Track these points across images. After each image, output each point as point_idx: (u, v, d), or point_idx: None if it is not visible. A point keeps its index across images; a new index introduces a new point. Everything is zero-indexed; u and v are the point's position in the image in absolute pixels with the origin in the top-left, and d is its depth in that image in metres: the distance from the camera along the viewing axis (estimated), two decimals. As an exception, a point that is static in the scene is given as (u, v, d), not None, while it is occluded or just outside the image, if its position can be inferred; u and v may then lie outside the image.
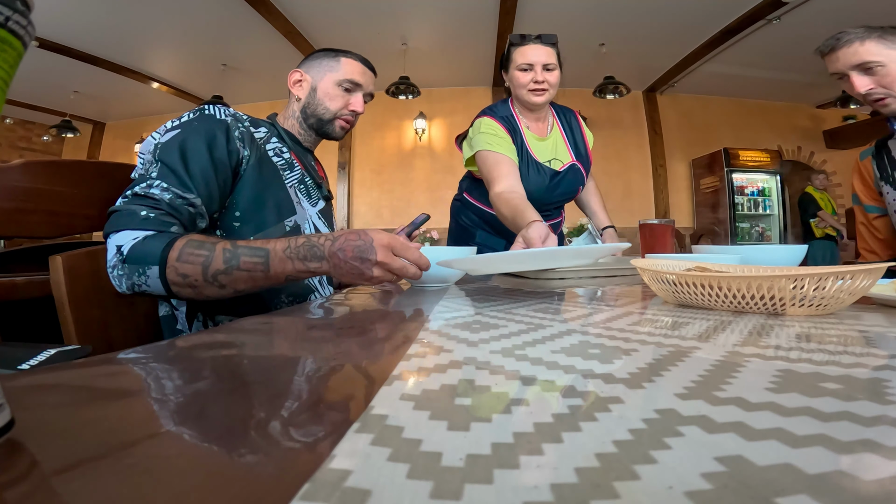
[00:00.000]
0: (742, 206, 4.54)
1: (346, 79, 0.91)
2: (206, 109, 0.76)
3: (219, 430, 0.17)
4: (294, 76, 0.93)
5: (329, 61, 0.92)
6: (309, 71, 0.92)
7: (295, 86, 0.92)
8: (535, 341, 0.30)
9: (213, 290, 0.61)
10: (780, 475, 0.11)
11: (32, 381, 0.24)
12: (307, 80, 0.91)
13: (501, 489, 0.11)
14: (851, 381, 0.20)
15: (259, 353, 0.32)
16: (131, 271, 0.60)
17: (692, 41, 3.78)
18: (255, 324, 0.42)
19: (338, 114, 0.91)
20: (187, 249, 0.60)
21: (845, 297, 0.39)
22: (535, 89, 1.12)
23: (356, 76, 0.92)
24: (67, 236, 0.77)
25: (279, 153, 0.85)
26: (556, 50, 1.13)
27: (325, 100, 0.90)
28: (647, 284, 0.53)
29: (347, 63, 0.92)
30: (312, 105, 0.91)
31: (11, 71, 0.14)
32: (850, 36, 0.93)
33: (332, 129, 0.93)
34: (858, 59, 0.91)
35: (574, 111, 1.35)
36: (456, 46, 3.96)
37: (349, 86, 0.91)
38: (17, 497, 0.12)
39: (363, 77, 0.93)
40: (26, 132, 5.23)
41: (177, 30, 3.58)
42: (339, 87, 0.90)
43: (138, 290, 0.61)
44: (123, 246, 0.60)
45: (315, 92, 0.91)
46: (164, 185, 0.65)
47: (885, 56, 0.90)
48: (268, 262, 0.60)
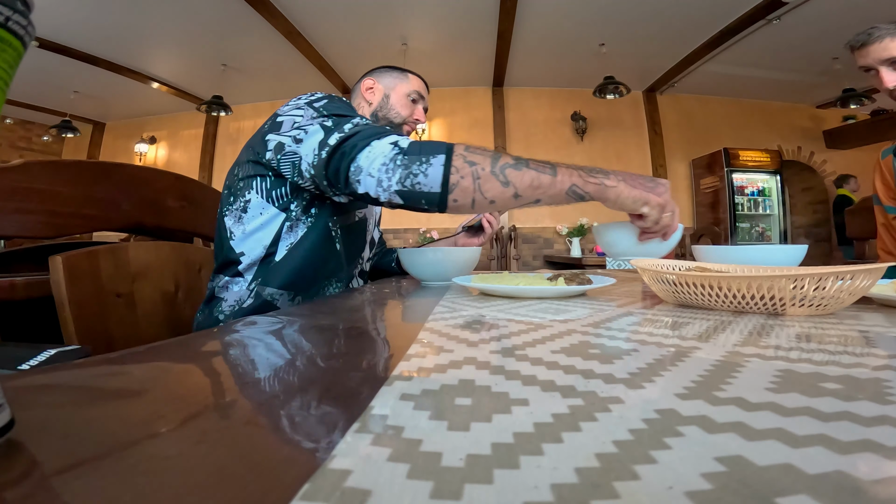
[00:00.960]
0: (742, 206, 4.54)
1: (415, 90, 1.01)
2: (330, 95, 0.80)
3: (219, 430, 0.17)
4: (367, 83, 1.01)
5: (398, 74, 1.02)
6: (380, 80, 1.01)
7: (367, 91, 1.01)
8: (535, 341, 0.30)
9: (494, 184, 0.59)
10: (780, 475, 0.11)
11: (32, 381, 0.24)
12: (379, 88, 1.00)
13: (501, 489, 0.11)
14: (851, 381, 0.20)
15: (259, 353, 0.32)
16: (411, 161, 0.59)
17: (692, 41, 3.78)
18: (256, 323, 0.42)
19: (406, 120, 1.01)
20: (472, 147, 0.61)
21: (845, 297, 0.39)
22: None
23: (422, 90, 1.04)
24: (67, 236, 0.77)
25: None
26: None
27: (398, 106, 0.99)
28: (648, 284, 0.53)
29: (415, 79, 1.03)
30: (385, 110, 0.99)
31: (11, 71, 0.14)
32: (881, 31, 0.95)
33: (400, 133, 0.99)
34: (889, 54, 0.93)
35: None
36: (456, 46, 3.96)
37: (416, 97, 1.01)
38: (17, 497, 0.12)
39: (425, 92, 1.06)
40: (26, 132, 5.23)
41: (177, 30, 3.58)
42: (408, 97, 1.00)
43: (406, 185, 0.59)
44: (400, 141, 0.62)
45: (388, 99, 1.00)
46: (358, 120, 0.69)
47: None
48: (555, 168, 0.60)
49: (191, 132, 5.17)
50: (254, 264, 0.76)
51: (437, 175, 0.59)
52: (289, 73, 4.33)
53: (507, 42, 3.79)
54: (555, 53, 4.06)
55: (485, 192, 0.59)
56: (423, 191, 0.60)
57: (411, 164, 0.59)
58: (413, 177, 0.59)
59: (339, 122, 0.68)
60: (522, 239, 4.58)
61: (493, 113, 4.76)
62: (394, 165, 0.60)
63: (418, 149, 0.61)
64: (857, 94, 3.80)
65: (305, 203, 0.76)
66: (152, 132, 5.27)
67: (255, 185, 0.75)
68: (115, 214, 0.85)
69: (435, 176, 0.59)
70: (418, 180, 0.59)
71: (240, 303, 0.75)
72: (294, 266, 0.76)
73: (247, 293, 0.75)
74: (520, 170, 0.59)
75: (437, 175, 0.59)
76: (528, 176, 0.59)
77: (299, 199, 0.76)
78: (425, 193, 0.60)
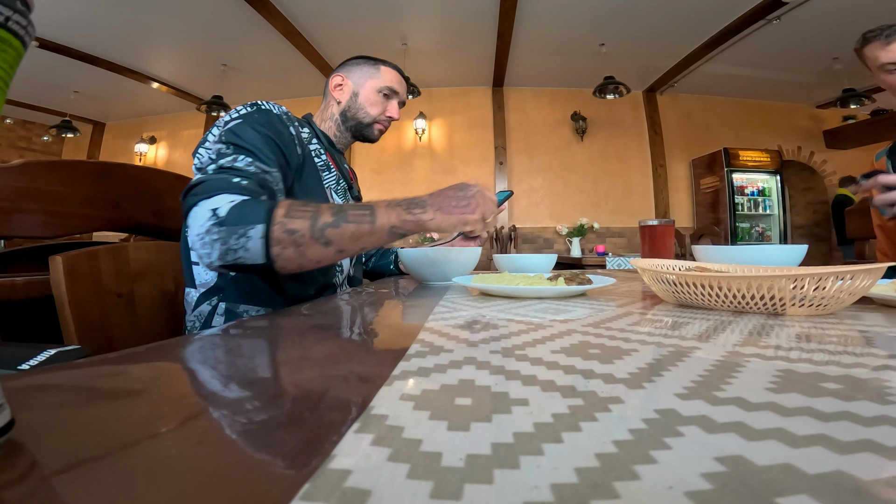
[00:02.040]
0: (742, 206, 4.54)
1: (386, 86, 0.94)
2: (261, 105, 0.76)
3: (219, 430, 0.17)
4: (335, 80, 0.95)
5: (369, 68, 0.95)
6: (350, 76, 0.94)
7: (335, 89, 0.95)
8: (535, 341, 0.30)
9: (317, 248, 0.58)
10: (780, 475, 0.11)
11: (32, 381, 0.24)
12: (348, 84, 0.94)
13: (501, 489, 0.11)
14: (851, 381, 0.20)
15: (259, 353, 0.32)
16: (229, 234, 0.56)
17: (692, 41, 3.78)
18: (256, 323, 0.42)
19: (377, 119, 0.94)
20: (294, 206, 0.59)
21: (845, 297, 0.39)
22: None
23: (394, 84, 0.96)
24: (67, 236, 0.77)
25: (318, 154, 0.87)
26: None
27: (366, 105, 0.93)
28: (648, 284, 0.53)
29: (387, 71, 0.95)
30: (353, 109, 0.93)
31: (11, 71, 0.14)
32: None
33: (371, 132, 0.96)
34: None
35: None
36: (456, 46, 3.96)
37: (388, 92, 0.95)
38: (17, 497, 0.12)
39: (399, 86, 0.97)
40: (26, 132, 5.23)
41: (177, 30, 3.58)
42: (379, 93, 0.94)
43: (230, 260, 0.57)
44: (220, 209, 0.57)
45: (356, 97, 0.93)
46: (248, 160, 0.65)
47: None
48: (374, 215, 0.60)
49: (191, 132, 5.17)
50: (209, 278, 0.73)
51: (257, 248, 0.56)
52: (289, 73, 4.33)
53: (506, 42, 3.79)
54: (555, 53, 4.06)
55: (309, 257, 0.59)
56: (248, 263, 0.57)
57: (229, 238, 0.56)
58: (233, 252, 0.56)
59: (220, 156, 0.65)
60: (522, 239, 4.58)
61: (493, 113, 4.76)
62: (210, 239, 0.57)
63: (236, 217, 0.56)
64: (857, 94, 3.80)
65: None
66: (152, 132, 5.27)
67: None
68: (115, 214, 0.85)
69: (256, 249, 0.56)
70: (239, 255, 0.57)
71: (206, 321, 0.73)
72: (256, 283, 0.73)
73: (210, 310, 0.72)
74: (339, 227, 0.59)
75: (258, 248, 0.56)
76: (349, 230, 0.59)
77: None
78: (251, 265, 0.58)
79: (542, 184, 4.70)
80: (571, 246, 4.26)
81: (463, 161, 4.67)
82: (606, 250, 4.18)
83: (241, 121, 0.70)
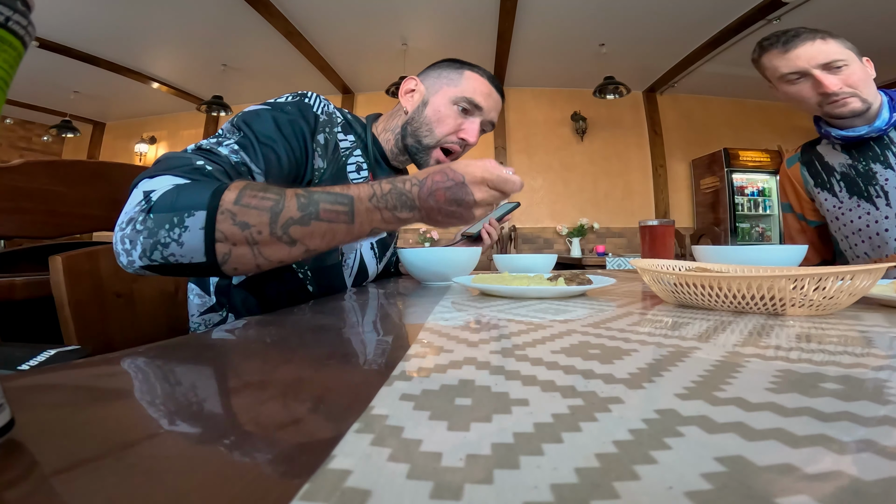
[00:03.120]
0: (742, 206, 4.54)
1: (464, 97, 0.75)
2: (306, 97, 0.67)
3: (219, 430, 0.17)
4: (408, 84, 0.78)
5: (450, 72, 0.77)
6: (425, 80, 0.78)
7: (406, 95, 0.78)
8: (535, 341, 0.30)
9: (278, 248, 0.45)
10: (780, 475, 0.11)
11: (32, 381, 0.24)
12: (420, 90, 0.77)
13: (501, 489, 0.11)
14: (851, 381, 0.20)
15: (259, 354, 0.32)
16: (158, 224, 0.42)
17: (692, 41, 3.78)
18: (255, 323, 0.42)
19: (442, 140, 0.75)
20: (249, 191, 0.44)
21: (845, 297, 0.39)
22: None
23: (478, 96, 0.75)
24: (67, 236, 0.77)
25: (359, 169, 0.73)
26: None
27: (433, 119, 0.75)
28: (648, 285, 0.53)
29: (472, 78, 0.76)
30: (416, 122, 0.76)
31: (11, 71, 0.14)
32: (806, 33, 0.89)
33: (427, 160, 0.77)
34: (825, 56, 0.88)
35: None
36: (456, 46, 3.96)
37: (467, 106, 0.75)
38: (17, 497, 0.12)
39: (486, 100, 0.76)
40: (26, 132, 5.23)
41: (177, 30, 3.58)
42: (454, 105, 0.75)
43: (158, 258, 0.43)
44: (154, 192, 0.44)
45: (424, 107, 0.76)
46: (236, 147, 0.56)
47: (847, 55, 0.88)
48: (353, 212, 0.47)
49: (191, 132, 5.17)
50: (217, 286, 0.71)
51: (196, 243, 0.42)
52: (289, 73, 4.33)
53: (507, 42, 3.79)
54: (555, 53, 4.06)
55: (268, 256, 0.46)
56: (182, 263, 0.43)
57: (158, 230, 0.42)
58: (163, 248, 0.42)
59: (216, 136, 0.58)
60: (522, 239, 4.58)
61: (493, 113, 4.76)
62: (132, 231, 0.43)
63: (169, 203, 0.43)
64: (857, 94, 3.79)
65: None
66: (152, 132, 5.27)
67: None
68: (115, 214, 0.84)
69: (194, 244, 0.42)
70: (171, 251, 0.43)
71: None
72: (262, 303, 0.70)
73: (217, 319, 0.71)
74: (308, 224, 0.45)
75: (197, 243, 0.42)
76: (320, 229, 0.46)
77: None
78: (189, 266, 0.44)
79: (542, 184, 4.70)
80: (571, 246, 4.26)
81: (463, 161, 4.67)
82: (606, 250, 4.18)
83: (270, 108, 0.63)
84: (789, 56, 0.91)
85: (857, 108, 0.90)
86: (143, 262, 0.44)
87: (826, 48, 0.88)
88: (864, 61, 0.91)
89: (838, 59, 0.88)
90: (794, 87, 0.94)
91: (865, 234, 0.98)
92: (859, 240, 1.00)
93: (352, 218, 0.47)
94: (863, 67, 0.90)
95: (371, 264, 0.83)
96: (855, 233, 1.00)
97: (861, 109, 0.90)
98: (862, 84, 0.89)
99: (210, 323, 0.72)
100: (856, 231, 1.00)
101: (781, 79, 0.95)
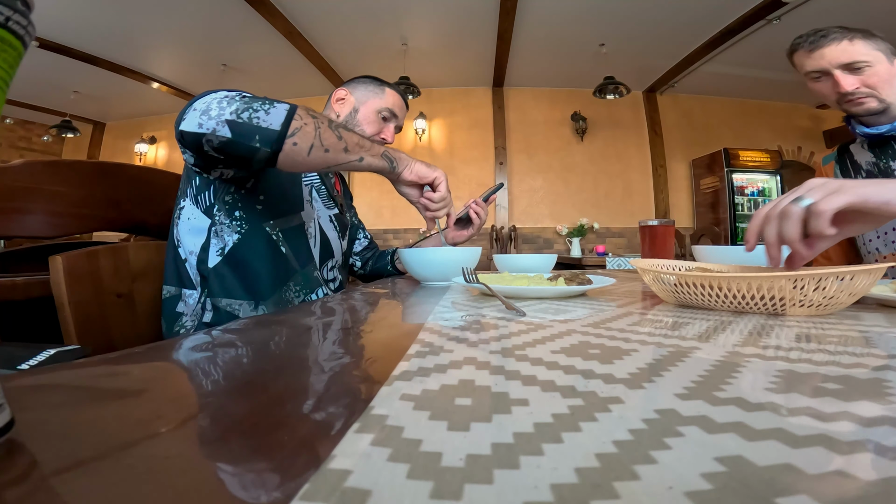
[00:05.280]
0: (742, 206, 4.54)
1: (387, 108, 0.96)
2: None
3: (219, 430, 0.17)
4: (339, 93, 0.97)
5: (375, 87, 0.97)
6: (354, 92, 0.97)
7: (337, 102, 0.97)
8: (535, 341, 0.30)
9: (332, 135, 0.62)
10: (780, 475, 0.11)
11: (32, 381, 0.24)
12: (350, 100, 0.96)
13: (501, 489, 0.11)
14: (851, 381, 0.20)
15: (259, 354, 0.32)
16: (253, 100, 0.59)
17: (692, 41, 3.78)
18: (255, 323, 0.42)
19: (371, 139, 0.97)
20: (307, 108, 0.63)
21: (845, 297, 0.39)
22: None
23: (396, 108, 0.97)
24: (67, 236, 0.77)
25: None
26: None
27: (364, 123, 0.95)
28: (648, 285, 0.53)
29: (391, 94, 0.97)
30: (350, 125, 0.94)
31: (11, 71, 0.14)
32: (836, 34, 0.92)
33: None
34: (848, 57, 0.90)
35: None
36: (456, 46, 3.96)
37: (388, 115, 0.96)
38: (17, 497, 0.12)
39: (400, 111, 1.00)
40: (26, 132, 5.23)
41: (177, 30, 3.58)
42: (378, 114, 0.95)
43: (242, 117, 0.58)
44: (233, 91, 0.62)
45: (355, 113, 0.95)
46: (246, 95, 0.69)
47: (873, 56, 0.89)
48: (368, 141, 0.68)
49: (191, 132, 5.16)
50: (196, 274, 0.74)
51: (279, 115, 0.59)
52: (289, 73, 4.33)
53: (507, 42, 3.79)
54: (555, 53, 4.06)
55: (323, 140, 0.62)
56: (259, 125, 0.58)
57: (253, 102, 0.59)
58: (253, 111, 0.58)
59: None
60: (522, 239, 4.58)
61: (493, 113, 4.76)
62: (230, 100, 0.59)
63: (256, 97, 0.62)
64: (857, 94, 3.79)
65: (228, 207, 0.74)
66: (152, 132, 5.27)
67: (189, 190, 0.74)
68: (115, 214, 0.85)
69: (277, 115, 0.59)
70: (258, 115, 0.58)
71: (198, 317, 0.73)
72: (240, 274, 0.74)
73: (199, 307, 0.73)
74: (349, 132, 0.66)
75: (280, 115, 0.59)
76: (355, 139, 0.66)
77: (221, 202, 0.74)
78: (262, 129, 0.58)
79: (542, 184, 4.70)
80: (571, 246, 4.26)
81: (463, 161, 4.67)
82: (606, 250, 4.18)
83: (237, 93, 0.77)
84: (814, 55, 0.95)
85: (872, 108, 0.92)
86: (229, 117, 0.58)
87: (851, 49, 0.90)
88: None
89: (860, 61, 0.89)
90: (817, 84, 0.98)
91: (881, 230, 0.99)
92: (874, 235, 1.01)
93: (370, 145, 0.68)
94: (888, 69, 0.91)
95: (335, 241, 0.96)
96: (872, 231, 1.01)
97: (877, 109, 0.92)
98: (884, 85, 0.90)
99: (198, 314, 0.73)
100: None
101: (807, 76, 0.99)
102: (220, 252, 0.74)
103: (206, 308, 0.73)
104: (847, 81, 0.91)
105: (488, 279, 0.62)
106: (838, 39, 0.91)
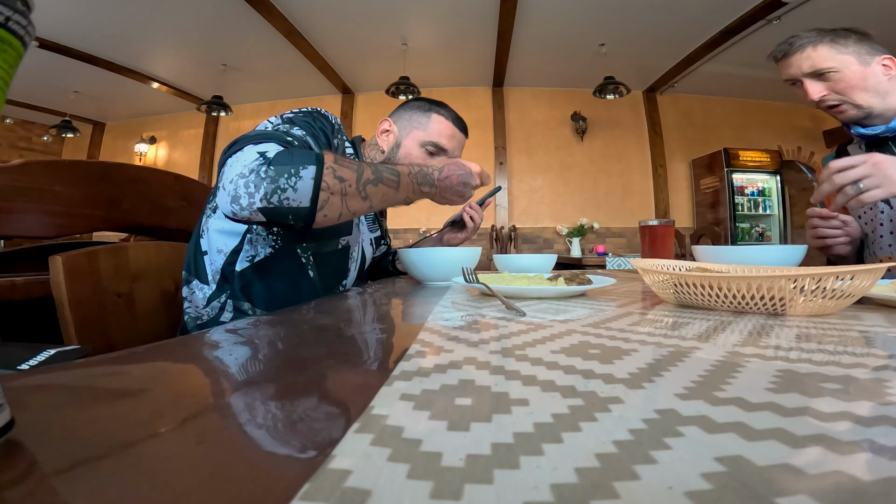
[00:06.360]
0: (742, 206, 4.54)
1: (431, 140, 0.85)
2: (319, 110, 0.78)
3: (219, 430, 0.17)
4: (383, 125, 0.88)
5: (420, 115, 0.87)
6: (397, 122, 0.88)
7: (382, 136, 0.88)
8: (535, 341, 0.30)
9: (357, 200, 0.61)
10: (780, 475, 0.11)
11: (32, 381, 0.24)
12: (394, 132, 0.87)
13: (501, 489, 0.11)
14: (851, 381, 0.20)
15: (259, 353, 0.32)
16: (279, 173, 0.54)
17: (692, 41, 3.78)
18: (255, 323, 0.42)
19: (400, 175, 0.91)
20: (338, 157, 0.60)
21: (845, 297, 0.39)
22: None
23: (443, 139, 0.86)
24: (67, 236, 0.77)
25: None
26: None
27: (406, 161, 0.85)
28: (648, 285, 0.53)
29: (438, 121, 0.86)
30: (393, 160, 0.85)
31: (11, 71, 0.14)
32: (802, 41, 0.91)
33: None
34: (811, 65, 0.89)
35: None
36: (456, 46, 3.96)
37: (433, 149, 0.85)
38: (17, 497, 0.12)
39: (450, 141, 0.87)
40: (26, 132, 5.23)
41: (177, 30, 3.58)
42: (422, 147, 0.85)
43: (275, 201, 0.54)
44: (269, 152, 0.57)
45: (397, 148, 0.86)
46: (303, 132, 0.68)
47: (838, 61, 0.88)
48: (399, 182, 0.65)
49: (191, 132, 5.17)
50: (217, 272, 0.73)
51: (307, 190, 0.55)
52: (289, 73, 4.33)
53: (507, 42, 3.79)
54: (555, 53, 4.06)
55: (350, 207, 0.60)
56: (291, 206, 0.56)
57: (279, 178, 0.54)
58: (281, 192, 0.54)
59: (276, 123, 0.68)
60: (522, 239, 4.58)
61: (493, 113, 4.76)
62: (257, 178, 0.54)
63: (287, 158, 0.56)
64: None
65: None
66: (152, 132, 5.27)
67: None
68: (115, 214, 0.85)
69: (305, 190, 0.55)
70: (287, 195, 0.55)
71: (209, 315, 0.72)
72: (264, 285, 0.74)
73: (218, 305, 0.72)
74: (376, 186, 0.62)
75: (308, 190, 0.55)
76: (381, 191, 0.63)
77: None
78: (293, 209, 0.56)
79: (542, 184, 4.70)
80: (571, 246, 4.26)
81: (463, 161, 4.67)
82: (606, 250, 4.18)
83: (302, 114, 0.74)
84: (784, 64, 0.96)
85: (852, 116, 0.91)
86: (261, 204, 0.55)
87: (815, 55, 0.89)
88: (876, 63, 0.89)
89: (824, 68, 0.89)
90: (797, 90, 0.98)
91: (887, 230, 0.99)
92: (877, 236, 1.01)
93: (398, 186, 0.65)
94: (860, 73, 0.89)
95: (368, 254, 0.97)
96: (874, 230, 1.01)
97: (857, 116, 0.91)
98: (854, 90, 0.89)
99: (214, 311, 0.73)
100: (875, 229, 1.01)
101: (786, 83, 0.99)
102: (251, 259, 0.73)
103: (227, 309, 0.73)
104: (814, 89, 0.90)
105: (488, 279, 0.62)
106: (803, 47, 0.91)
